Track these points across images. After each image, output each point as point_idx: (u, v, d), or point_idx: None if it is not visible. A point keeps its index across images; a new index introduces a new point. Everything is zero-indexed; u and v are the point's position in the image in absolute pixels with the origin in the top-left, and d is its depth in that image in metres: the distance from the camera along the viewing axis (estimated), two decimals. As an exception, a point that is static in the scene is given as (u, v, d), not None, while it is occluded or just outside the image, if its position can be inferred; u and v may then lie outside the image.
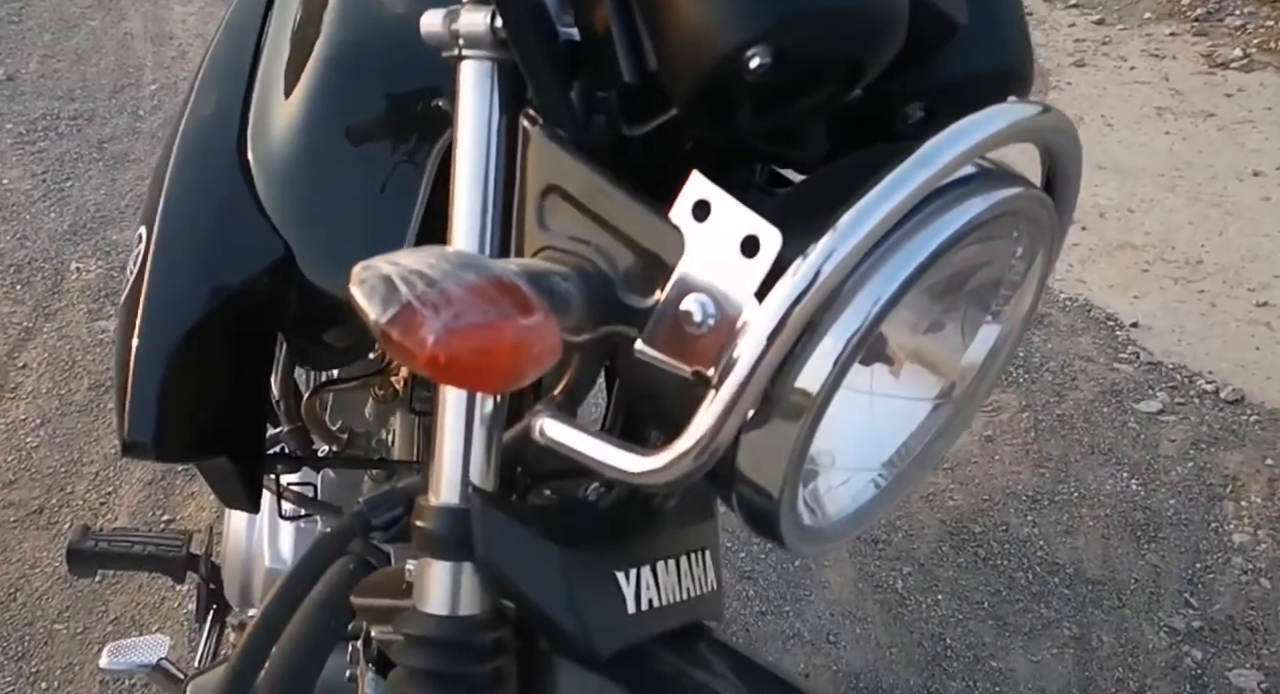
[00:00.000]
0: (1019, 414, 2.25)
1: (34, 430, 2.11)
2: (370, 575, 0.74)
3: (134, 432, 0.63)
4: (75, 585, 1.75)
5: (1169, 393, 2.24)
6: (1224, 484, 1.99)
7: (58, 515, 1.89)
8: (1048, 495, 2.03)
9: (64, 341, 2.38)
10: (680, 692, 0.55)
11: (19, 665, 1.60)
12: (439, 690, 0.53)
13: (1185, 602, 1.76)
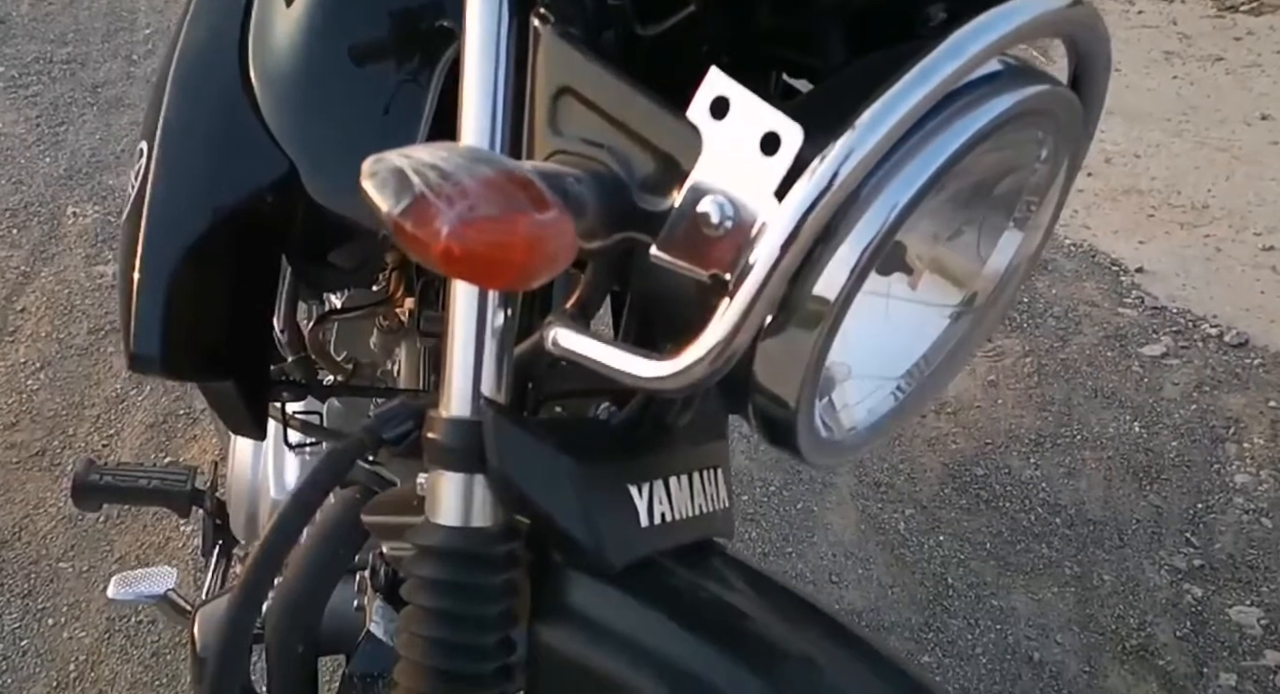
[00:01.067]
0: (1022, 359, 2.24)
1: (34, 373, 2.11)
2: (381, 494, 0.74)
3: (140, 346, 0.63)
4: (79, 525, 1.75)
5: (1173, 337, 2.23)
6: (1226, 426, 1.99)
7: (60, 457, 1.89)
8: (1050, 438, 2.03)
9: (62, 286, 2.37)
10: (694, 604, 0.55)
11: (25, 602, 1.61)
12: (452, 601, 0.53)
13: (1186, 541, 1.77)
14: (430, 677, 0.53)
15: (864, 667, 0.53)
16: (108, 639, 1.55)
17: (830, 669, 0.52)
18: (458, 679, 0.53)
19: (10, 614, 1.59)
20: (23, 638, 1.55)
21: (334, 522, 0.95)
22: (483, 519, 0.54)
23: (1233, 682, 1.51)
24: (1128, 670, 1.54)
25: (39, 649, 1.53)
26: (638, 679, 0.52)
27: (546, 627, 0.55)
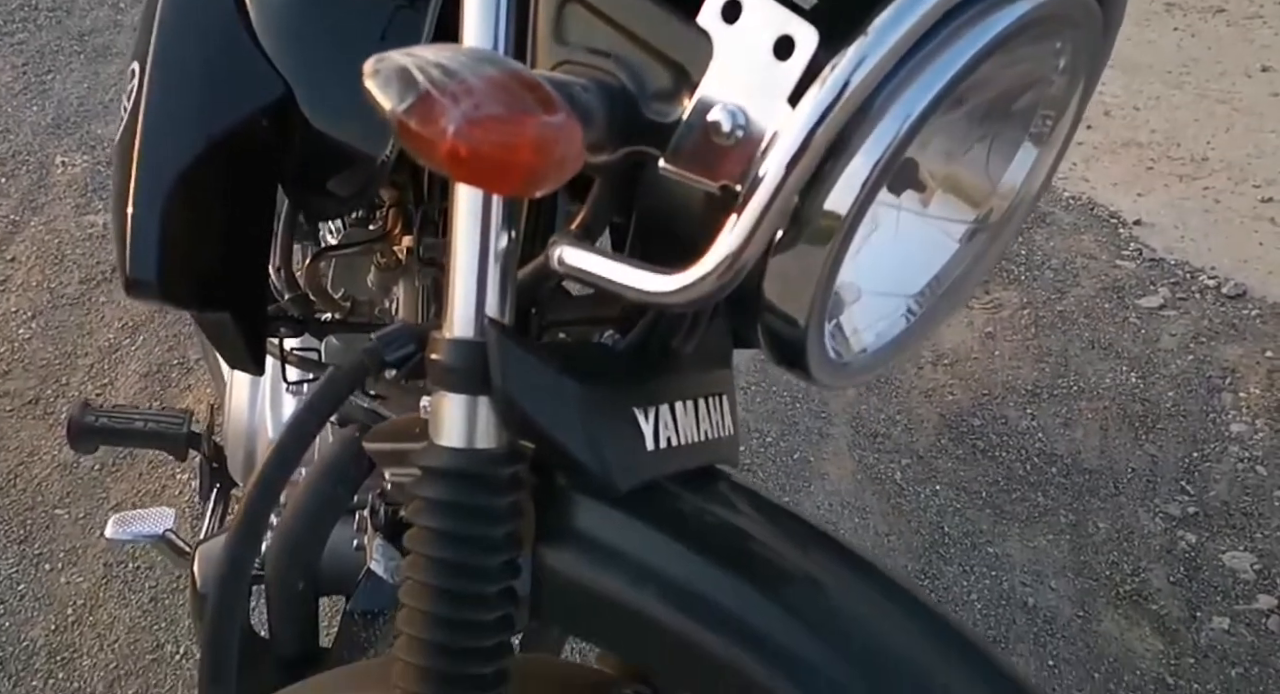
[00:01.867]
0: (1019, 311, 2.24)
1: (25, 322, 2.09)
2: (383, 423, 0.73)
3: (136, 270, 0.61)
4: (75, 472, 1.75)
5: (1171, 288, 2.23)
6: (1223, 376, 1.99)
7: (54, 406, 1.88)
8: (1047, 389, 2.03)
9: (52, 235, 2.34)
10: (700, 527, 0.54)
11: (21, 548, 1.61)
12: (456, 521, 0.52)
13: (1181, 489, 1.78)
14: (435, 597, 0.52)
15: (873, 590, 0.53)
16: (105, 584, 1.55)
17: (839, 592, 0.52)
18: (462, 599, 0.52)
19: (6, 559, 1.59)
20: (20, 583, 1.55)
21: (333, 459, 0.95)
22: (487, 441, 0.53)
23: (1225, 625, 1.53)
24: (1121, 615, 1.55)
25: (36, 593, 1.53)
26: (644, 601, 0.52)
27: (551, 550, 0.54)
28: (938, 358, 2.14)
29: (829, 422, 2.03)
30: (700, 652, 0.50)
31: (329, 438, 1.03)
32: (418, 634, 0.52)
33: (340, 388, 0.55)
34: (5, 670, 1.42)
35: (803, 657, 0.49)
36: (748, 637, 0.50)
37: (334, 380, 0.55)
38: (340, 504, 0.93)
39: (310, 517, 0.90)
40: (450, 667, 0.52)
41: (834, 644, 0.49)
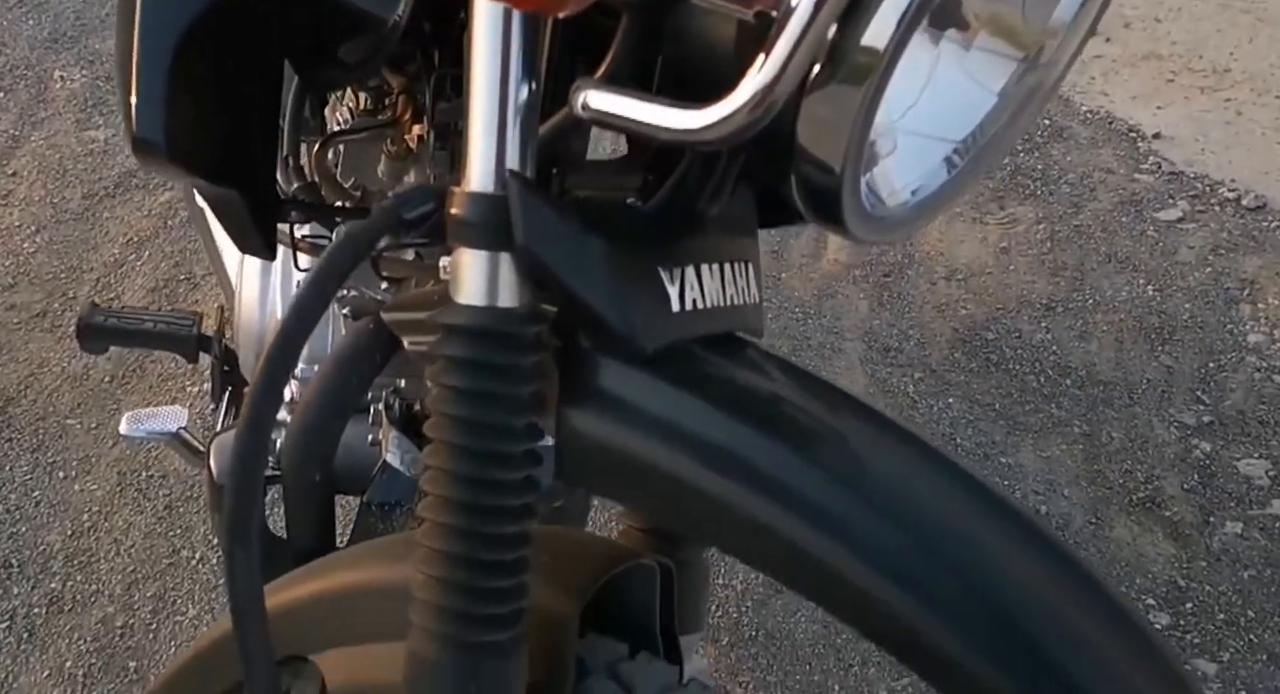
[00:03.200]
0: (1035, 226, 2.21)
1: (30, 237, 2.07)
2: (400, 295, 0.71)
3: (142, 129, 0.59)
4: (85, 384, 1.74)
5: (1189, 201, 2.19)
6: (1241, 288, 1.97)
7: (61, 319, 1.87)
8: (1062, 303, 2.01)
9: (53, 150, 2.31)
10: (727, 388, 0.53)
11: (35, 457, 1.61)
12: (478, 381, 0.51)
13: (1197, 399, 1.77)
14: (459, 458, 0.51)
15: (910, 453, 0.52)
16: (120, 492, 1.56)
17: (874, 452, 0.51)
18: (486, 459, 0.51)
19: (21, 466, 1.59)
20: (34, 489, 1.56)
21: (347, 350, 0.94)
22: (509, 299, 0.51)
23: (1238, 530, 1.53)
24: (1134, 521, 1.55)
25: (51, 500, 1.54)
26: (671, 460, 0.51)
27: (576, 412, 0.53)
28: (951, 273, 2.12)
29: (841, 337, 2.01)
30: (729, 508, 0.49)
31: (341, 331, 1.02)
32: (442, 493, 0.51)
33: (358, 246, 0.53)
34: (24, 573, 1.43)
35: (836, 512, 0.48)
36: (778, 492, 0.48)
37: (352, 237, 0.53)
38: (355, 395, 0.92)
39: (325, 408, 0.89)
40: (475, 525, 0.51)
41: (869, 500, 0.48)
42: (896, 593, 0.45)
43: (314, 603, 0.61)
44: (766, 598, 1.48)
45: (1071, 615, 0.45)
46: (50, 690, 1.28)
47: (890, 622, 0.46)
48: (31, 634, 1.35)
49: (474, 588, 0.51)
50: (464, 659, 0.51)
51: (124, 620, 1.37)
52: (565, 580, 0.57)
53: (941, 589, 0.45)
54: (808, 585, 0.48)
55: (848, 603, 0.47)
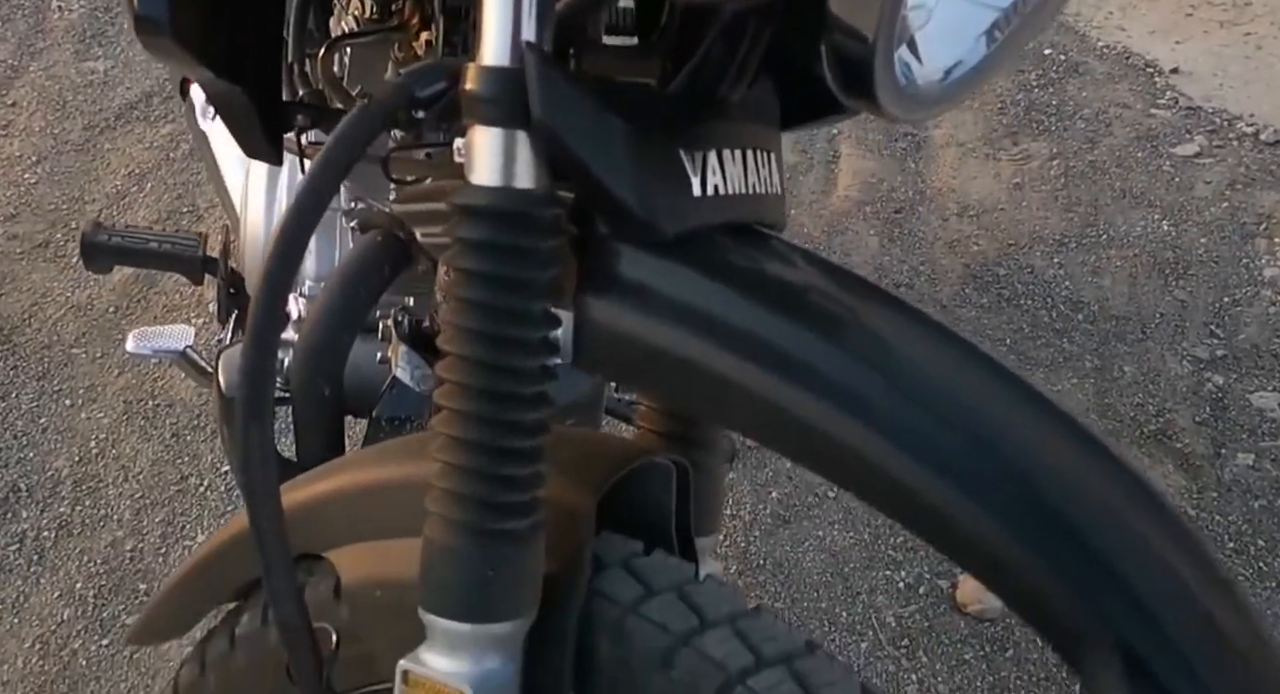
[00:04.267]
0: (1049, 162, 2.18)
1: (31, 167, 2.04)
2: (410, 187, 0.70)
3: (145, 6, 0.57)
4: (89, 314, 1.73)
5: (1207, 136, 2.16)
6: (1258, 222, 1.94)
7: (64, 249, 1.85)
8: (1075, 239, 1.98)
9: (52, 81, 2.27)
10: (751, 275, 0.51)
11: (40, 384, 1.60)
12: (495, 263, 0.49)
13: (1210, 333, 1.75)
14: (475, 343, 0.50)
15: (941, 341, 0.50)
16: (126, 420, 1.55)
17: (903, 339, 0.49)
18: (503, 345, 0.50)
19: (26, 394, 1.59)
20: (40, 416, 1.55)
21: (355, 263, 0.92)
22: (526, 180, 0.50)
23: (1250, 461, 1.52)
24: (1145, 453, 1.54)
25: (58, 427, 1.54)
26: (693, 347, 0.49)
27: (594, 300, 0.52)
28: (963, 209, 2.09)
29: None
30: (751, 392, 0.48)
31: (349, 245, 1.01)
32: (458, 380, 0.50)
33: (371, 123, 0.51)
34: (33, 497, 1.43)
35: (862, 395, 0.46)
36: (800, 373, 0.47)
37: (365, 112, 0.51)
38: (364, 308, 0.90)
39: (333, 321, 0.88)
40: (492, 413, 0.50)
41: (897, 385, 0.47)
42: (917, 469, 0.44)
43: (328, 501, 0.61)
44: (774, 528, 1.48)
45: (1095, 488, 0.44)
46: (61, 611, 1.28)
47: (911, 498, 0.45)
48: (41, 556, 1.35)
49: (491, 475, 0.50)
50: (481, 546, 0.50)
51: (133, 544, 1.37)
52: (582, 476, 0.56)
53: (962, 464, 0.44)
54: (827, 465, 0.47)
55: (868, 481, 0.46)
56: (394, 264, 0.93)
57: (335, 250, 1.04)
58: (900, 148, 2.24)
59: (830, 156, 2.21)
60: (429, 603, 0.51)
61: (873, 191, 2.12)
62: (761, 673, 0.51)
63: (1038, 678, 1.27)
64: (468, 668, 0.51)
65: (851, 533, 1.48)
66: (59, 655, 1.23)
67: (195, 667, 0.65)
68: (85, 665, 1.22)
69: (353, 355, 0.90)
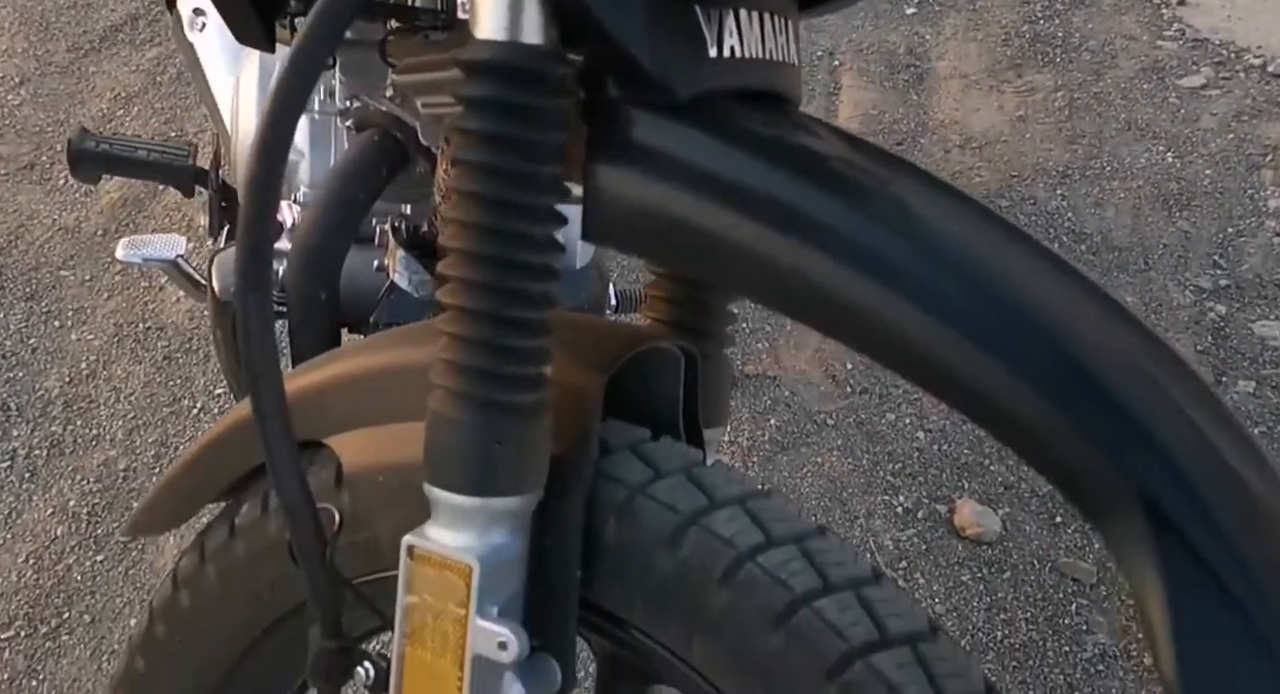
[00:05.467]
0: (1053, 94, 2.14)
1: (14, 89, 2.00)
2: (408, 60, 0.67)
3: None
4: (78, 236, 1.70)
5: (1214, 68, 2.12)
6: (1264, 154, 1.92)
7: (50, 172, 1.82)
8: (1079, 170, 1.96)
9: (34, 2, 2.21)
10: (768, 142, 0.49)
11: (29, 305, 1.58)
12: (501, 122, 0.47)
13: (1214, 263, 1.74)
14: (481, 207, 0.48)
15: (960, 209, 0.49)
16: (117, 343, 1.53)
17: (922, 203, 0.48)
18: (510, 211, 0.48)
19: (15, 314, 1.56)
20: (30, 337, 1.53)
21: (353, 162, 0.90)
22: (533, 35, 0.47)
23: (1251, 389, 1.52)
24: (1145, 382, 1.53)
25: (48, 348, 1.51)
26: (708, 213, 0.47)
27: (605, 168, 0.49)
28: (966, 141, 2.06)
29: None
30: (771, 260, 0.46)
31: (345, 145, 0.98)
32: (464, 248, 0.48)
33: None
34: (23, 416, 1.42)
35: (885, 258, 0.45)
36: (824, 239, 0.45)
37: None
38: (361, 209, 0.88)
39: (331, 221, 0.86)
40: (498, 281, 0.48)
41: (920, 247, 0.45)
42: (941, 331, 0.43)
43: (330, 387, 0.59)
44: (773, 454, 1.48)
45: (1120, 349, 0.43)
46: (55, 528, 1.27)
47: (934, 361, 0.43)
48: (33, 474, 1.34)
49: (497, 345, 0.49)
50: (487, 418, 0.49)
51: (126, 463, 1.36)
52: (589, 358, 0.55)
53: (987, 324, 0.43)
54: (846, 330, 0.46)
55: (889, 344, 0.44)
56: (391, 164, 0.91)
57: (331, 156, 1.01)
58: (902, 79, 2.20)
59: (831, 88, 2.18)
60: (434, 477, 0.50)
61: (874, 123, 2.09)
62: (771, 551, 0.50)
63: (1034, 598, 1.27)
64: (474, 542, 0.49)
65: (850, 459, 1.47)
66: (53, 570, 1.22)
67: (194, 557, 0.64)
68: (80, 580, 1.21)
69: (349, 265, 0.89)
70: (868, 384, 1.59)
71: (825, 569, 0.50)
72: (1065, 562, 1.31)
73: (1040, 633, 1.23)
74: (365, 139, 0.90)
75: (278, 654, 0.64)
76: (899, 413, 1.55)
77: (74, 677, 1.11)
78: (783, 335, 1.69)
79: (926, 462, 1.46)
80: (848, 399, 1.57)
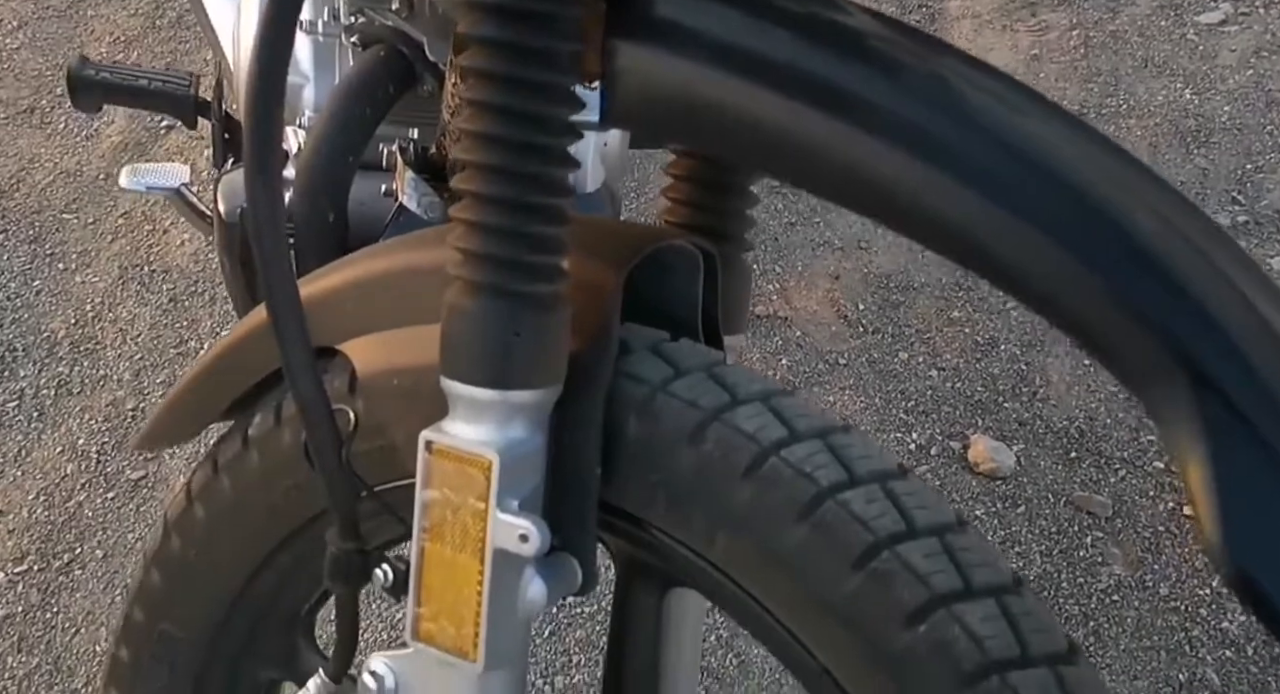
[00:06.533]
0: (1068, 33, 2.10)
1: (12, 33, 1.97)
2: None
3: None
4: (80, 180, 1.68)
5: (1233, 4, 2.08)
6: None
7: (50, 116, 1.79)
8: (1094, 108, 1.92)
9: (31, -54, 2.18)
10: (799, 15, 0.47)
11: (33, 247, 1.56)
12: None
13: (1232, 199, 1.71)
14: (497, 88, 0.46)
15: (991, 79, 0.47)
16: (122, 285, 1.52)
17: (954, 74, 0.46)
18: (526, 90, 0.46)
19: (19, 257, 1.55)
20: (34, 279, 1.52)
21: (359, 79, 0.88)
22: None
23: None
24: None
25: (52, 289, 1.50)
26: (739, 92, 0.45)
27: (626, 46, 0.48)
28: (978, 81, 2.03)
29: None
30: (799, 134, 0.45)
31: (349, 61, 0.96)
32: (482, 131, 0.47)
33: None
34: (30, 357, 1.41)
35: (924, 131, 0.43)
36: (854, 112, 0.44)
37: None
38: (368, 127, 0.86)
39: (337, 138, 0.84)
40: (514, 165, 0.47)
41: (951, 116, 0.43)
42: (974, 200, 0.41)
43: (342, 291, 0.58)
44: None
45: (1157, 211, 0.41)
46: (64, 465, 1.27)
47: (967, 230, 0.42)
48: (41, 413, 1.33)
49: (515, 232, 0.47)
50: (505, 307, 0.47)
51: (134, 404, 1.35)
52: (606, 255, 0.53)
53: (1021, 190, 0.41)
54: (878, 205, 0.44)
55: (920, 217, 0.43)
56: (398, 82, 0.89)
57: (335, 78, 0.99)
58: (914, 20, 2.16)
59: (841, 28, 2.14)
60: (451, 370, 0.49)
61: (885, 63, 2.05)
62: (795, 445, 0.49)
63: (1049, 532, 1.26)
64: (493, 435, 0.48)
65: (862, 398, 1.46)
66: (64, 507, 1.22)
67: (208, 470, 0.63)
68: (91, 516, 1.21)
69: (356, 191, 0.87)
70: (880, 324, 1.58)
71: (851, 463, 0.49)
72: (1080, 495, 1.30)
73: (1055, 565, 1.23)
74: (371, 55, 0.88)
75: (295, 567, 0.63)
76: (911, 351, 1.53)
77: (88, 610, 1.11)
78: (793, 276, 1.67)
79: (940, 399, 1.45)
80: (860, 338, 1.56)
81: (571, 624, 1.14)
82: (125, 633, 0.66)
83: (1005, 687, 0.43)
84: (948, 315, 1.59)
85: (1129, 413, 1.41)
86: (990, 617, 0.45)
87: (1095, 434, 1.38)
